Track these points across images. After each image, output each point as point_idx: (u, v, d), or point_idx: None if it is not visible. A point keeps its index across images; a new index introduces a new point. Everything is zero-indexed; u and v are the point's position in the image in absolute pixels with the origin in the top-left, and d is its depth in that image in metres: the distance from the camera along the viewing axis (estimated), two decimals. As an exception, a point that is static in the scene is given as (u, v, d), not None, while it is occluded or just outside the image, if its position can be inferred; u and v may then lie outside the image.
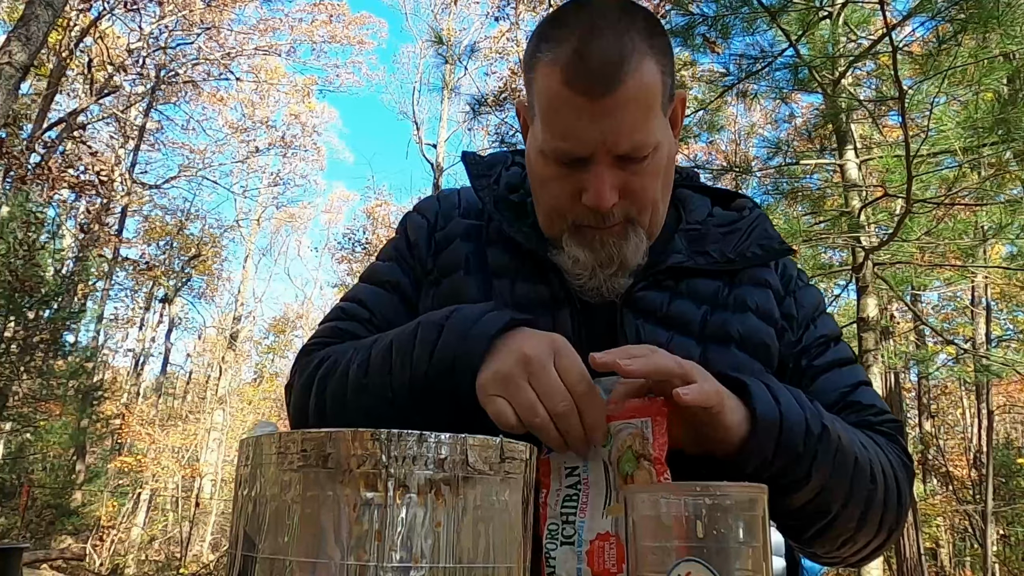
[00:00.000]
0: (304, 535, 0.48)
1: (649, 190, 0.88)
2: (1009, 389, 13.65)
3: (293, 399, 0.95)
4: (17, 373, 9.93)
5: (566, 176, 0.86)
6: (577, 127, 0.82)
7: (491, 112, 9.16)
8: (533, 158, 0.90)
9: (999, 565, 10.60)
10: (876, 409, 0.96)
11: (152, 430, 16.48)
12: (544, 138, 0.86)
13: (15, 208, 9.56)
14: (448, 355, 0.77)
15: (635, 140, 0.83)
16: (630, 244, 0.89)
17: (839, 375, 0.97)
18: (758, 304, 0.95)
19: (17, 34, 5.51)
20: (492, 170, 1.05)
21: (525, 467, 0.55)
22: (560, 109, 0.83)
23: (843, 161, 5.43)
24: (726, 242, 0.98)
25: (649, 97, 0.83)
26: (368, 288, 1.03)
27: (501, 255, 0.96)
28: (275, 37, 18.42)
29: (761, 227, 1.01)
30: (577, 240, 0.89)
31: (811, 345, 0.98)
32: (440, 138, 16.45)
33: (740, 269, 0.97)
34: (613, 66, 0.79)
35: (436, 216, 1.04)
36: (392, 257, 1.04)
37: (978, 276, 7.61)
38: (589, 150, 0.83)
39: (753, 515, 0.52)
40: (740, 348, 0.92)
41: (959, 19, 3.92)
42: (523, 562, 0.54)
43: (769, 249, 0.98)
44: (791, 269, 1.04)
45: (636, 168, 0.85)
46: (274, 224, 24.67)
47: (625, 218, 0.88)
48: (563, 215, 0.89)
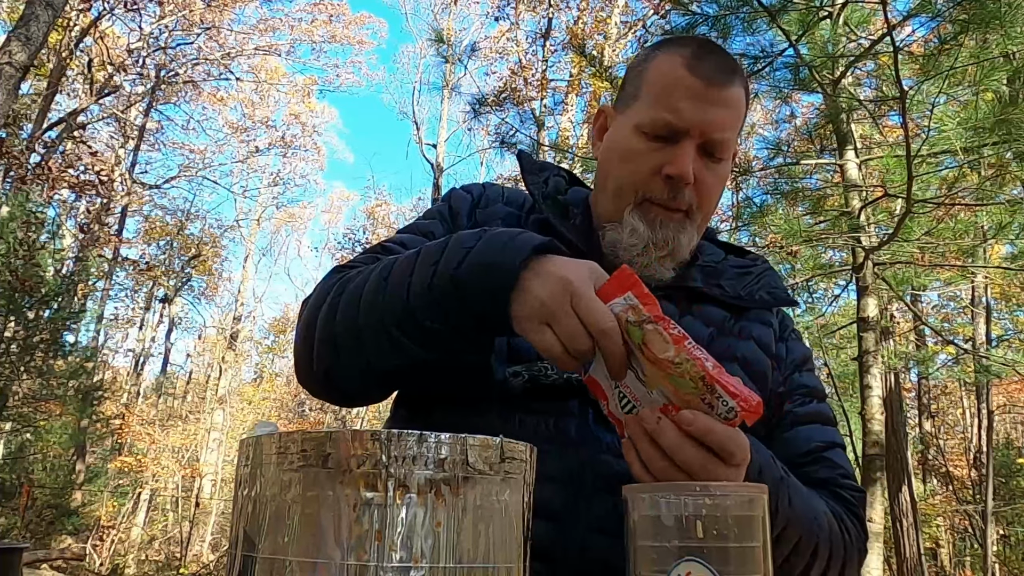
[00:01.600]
0: (304, 535, 0.48)
1: (714, 192, 0.96)
2: (1009, 389, 13.65)
3: (309, 303, 0.92)
4: (17, 373, 9.93)
5: (653, 151, 0.93)
6: (685, 104, 0.91)
7: (491, 112, 9.15)
8: (622, 136, 0.97)
9: (999, 565, 10.60)
10: (844, 472, 0.99)
11: (152, 430, 16.49)
12: (647, 111, 0.93)
13: (15, 208, 9.56)
14: (484, 260, 0.75)
15: (725, 136, 0.93)
16: (685, 235, 0.95)
17: (817, 431, 1.01)
18: (760, 336, 1.02)
19: (17, 34, 5.51)
20: (543, 172, 1.11)
21: (525, 467, 0.55)
22: (675, 86, 0.92)
23: (843, 161, 5.43)
24: (738, 281, 1.06)
25: (741, 111, 0.96)
26: (409, 236, 1.04)
27: None
28: (275, 37, 18.42)
29: (771, 277, 1.09)
30: (640, 214, 0.94)
31: (794, 391, 1.03)
32: (440, 138, 16.44)
33: (747, 308, 1.04)
34: (728, 69, 0.93)
35: (480, 196, 1.09)
36: (435, 216, 1.07)
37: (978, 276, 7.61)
38: (687, 125, 0.91)
39: (753, 515, 0.52)
40: (743, 368, 0.97)
41: (960, 19, 3.92)
42: (523, 562, 0.54)
43: (777, 297, 1.06)
44: (788, 322, 1.12)
45: (712, 165, 0.94)
46: (274, 224, 24.69)
47: (688, 208, 0.94)
48: (636, 187, 0.94)
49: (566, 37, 13.87)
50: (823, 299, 10.65)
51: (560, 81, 14.32)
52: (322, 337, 0.87)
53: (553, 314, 0.70)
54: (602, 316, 0.68)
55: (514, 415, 0.89)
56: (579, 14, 14.27)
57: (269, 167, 22.45)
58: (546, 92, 13.96)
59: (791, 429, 1.00)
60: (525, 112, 11.30)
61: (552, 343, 0.70)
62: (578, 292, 0.70)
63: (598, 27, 13.89)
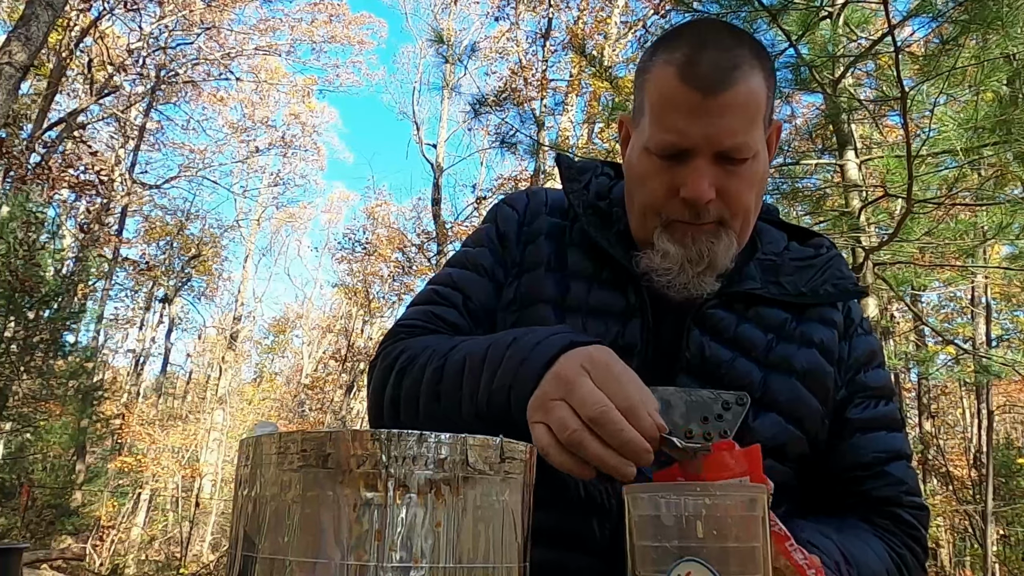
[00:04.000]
0: (304, 535, 0.48)
1: (744, 196, 0.89)
2: (1009, 389, 13.65)
3: (373, 381, 0.95)
4: (17, 373, 9.92)
5: (666, 171, 0.88)
6: (684, 121, 0.85)
7: (491, 112, 9.15)
8: (635, 158, 0.92)
9: (999, 565, 10.60)
10: (907, 488, 0.93)
11: (152, 430, 16.49)
12: (651, 133, 0.89)
13: (15, 208, 9.56)
14: (505, 384, 0.76)
15: (738, 141, 0.86)
16: (721, 244, 0.89)
17: (880, 439, 0.95)
18: (823, 340, 0.95)
19: (17, 34, 5.51)
20: (583, 175, 1.06)
21: (525, 467, 0.55)
22: (670, 103, 0.86)
23: (843, 161, 5.43)
24: (800, 276, 0.98)
25: (755, 106, 0.87)
26: (460, 272, 1.03)
27: (582, 258, 0.97)
28: (275, 37, 18.42)
29: (836, 266, 1.01)
30: (669, 235, 0.90)
31: (856, 394, 0.97)
32: (440, 138, 16.44)
33: (810, 305, 0.97)
34: (725, 70, 0.84)
35: (525, 210, 1.06)
36: (483, 243, 1.05)
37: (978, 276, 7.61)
38: (692, 143, 0.85)
39: (753, 515, 0.52)
40: (801, 381, 0.92)
41: (960, 20, 3.92)
42: (523, 562, 0.54)
43: (844, 289, 0.98)
44: (856, 314, 1.03)
45: (734, 169, 0.87)
46: (274, 224, 24.69)
47: (719, 219, 0.89)
48: (657, 211, 0.90)
49: (566, 37, 13.87)
50: (823, 299, 10.64)
51: (560, 81, 14.32)
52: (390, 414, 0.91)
53: (544, 408, 0.69)
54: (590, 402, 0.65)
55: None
56: (579, 14, 14.27)
57: (269, 167, 22.48)
58: (546, 92, 13.96)
59: (852, 436, 0.94)
60: (525, 112, 11.29)
61: (542, 435, 0.68)
62: (568, 384, 0.68)
63: (598, 27, 13.89)
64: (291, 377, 24.16)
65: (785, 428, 0.89)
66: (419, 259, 16.75)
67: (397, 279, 18.99)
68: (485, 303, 0.99)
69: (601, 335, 0.89)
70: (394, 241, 18.81)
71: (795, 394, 0.90)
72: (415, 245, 17.31)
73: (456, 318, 0.98)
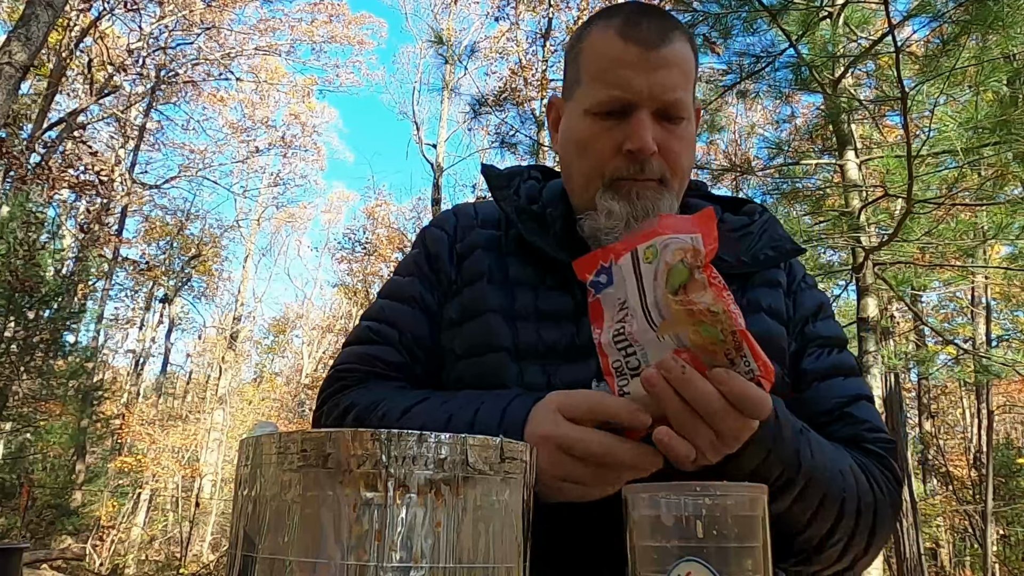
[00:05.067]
0: (304, 535, 0.48)
1: (682, 156, 0.92)
2: (1009, 389, 13.66)
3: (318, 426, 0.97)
4: (17, 373, 9.93)
5: (608, 130, 0.90)
6: (628, 75, 0.88)
7: (491, 112, 9.15)
8: (575, 124, 0.94)
9: (999, 565, 10.60)
10: (870, 425, 0.94)
11: (152, 430, 16.48)
12: (592, 92, 0.91)
13: (15, 208, 9.56)
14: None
15: (677, 96, 0.89)
16: (664, 202, 0.91)
17: (837, 384, 0.96)
18: (770, 304, 0.96)
19: (17, 34, 5.51)
20: (511, 182, 1.06)
21: (525, 467, 0.55)
22: (613, 60, 0.89)
23: (843, 161, 5.43)
24: (740, 247, 0.99)
25: (687, 69, 0.92)
26: (392, 304, 1.02)
27: (522, 266, 0.97)
28: (275, 37, 18.42)
29: (772, 230, 1.02)
30: (612, 193, 0.91)
31: (808, 344, 0.98)
32: (440, 138, 16.43)
33: (754, 272, 0.98)
34: (662, 29, 0.90)
35: (455, 228, 1.05)
36: (413, 272, 1.04)
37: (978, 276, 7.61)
38: (635, 96, 0.88)
39: (753, 515, 0.52)
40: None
41: (961, 20, 3.92)
42: (523, 562, 0.54)
43: (781, 250, 1.00)
44: (797, 270, 1.05)
45: (673, 128, 0.91)
46: (274, 224, 24.69)
47: (660, 177, 0.91)
48: (601, 172, 0.92)
49: (566, 37, 13.87)
50: (823, 299, 10.62)
51: (560, 81, 14.30)
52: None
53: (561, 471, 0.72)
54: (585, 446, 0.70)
55: None
56: (579, 14, 14.26)
57: (269, 167, 22.48)
58: (546, 92, 13.95)
59: (810, 387, 0.95)
60: (525, 112, 11.30)
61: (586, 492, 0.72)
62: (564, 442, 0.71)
63: (598, 27, 13.86)
64: (291, 377, 24.17)
65: None
66: (419, 259, 16.69)
67: (397, 279, 18.90)
68: (420, 335, 0.99)
69: (557, 339, 0.90)
70: (394, 241, 18.81)
71: None
72: (415, 245, 17.25)
73: (394, 356, 0.98)
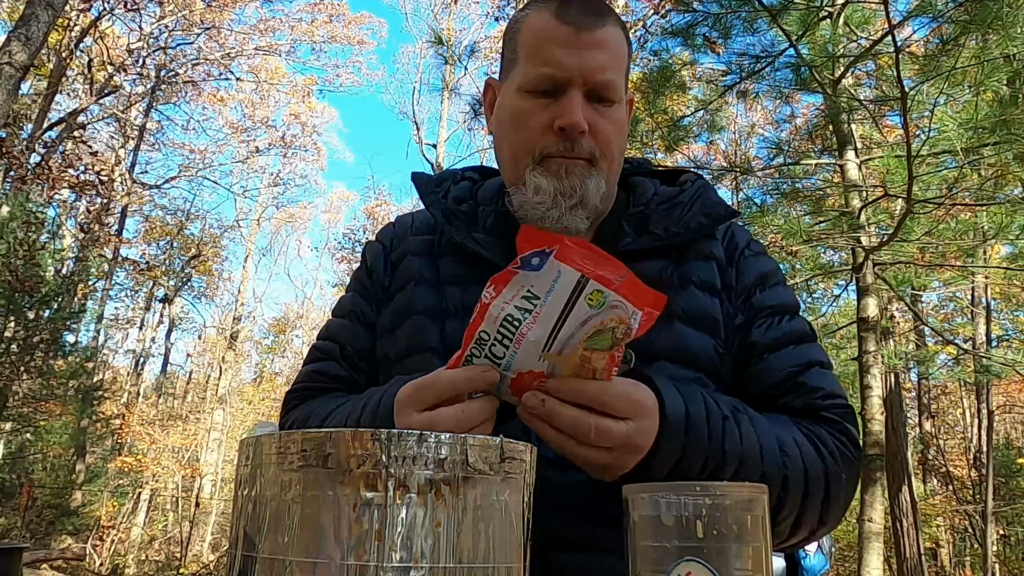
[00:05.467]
0: (304, 535, 0.48)
1: (613, 138, 0.94)
2: (1009, 389, 13.67)
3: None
4: (17, 373, 9.93)
5: (541, 108, 0.92)
6: (560, 54, 0.90)
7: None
8: (508, 102, 0.96)
9: (999, 565, 10.61)
10: (824, 392, 0.91)
11: (152, 430, 16.49)
12: (526, 71, 0.93)
13: (15, 208, 9.56)
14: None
15: (608, 77, 0.91)
16: (592, 181, 0.92)
17: (789, 354, 0.93)
18: (700, 278, 0.95)
19: (17, 34, 5.51)
20: (440, 186, 1.08)
21: (525, 467, 0.55)
22: (546, 38, 0.91)
23: (843, 161, 5.43)
24: (668, 217, 0.98)
25: (620, 53, 0.94)
26: (336, 321, 1.08)
27: (453, 264, 1.00)
28: (275, 37, 18.42)
29: (704, 196, 1.01)
30: (541, 170, 0.92)
31: (756, 316, 0.95)
32: (440, 138, 16.44)
33: (687, 244, 0.97)
34: (595, 14, 0.92)
35: (391, 240, 1.09)
36: (354, 288, 1.09)
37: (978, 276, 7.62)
38: (567, 74, 0.90)
39: (753, 515, 0.52)
40: (686, 323, 0.92)
41: (961, 20, 3.92)
42: (523, 562, 0.54)
43: (714, 215, 0.98)
44: (740, 239, 1.02)
45: (604, 110, 0.92)
46: (274, 224, 24.71)
47: (590, 156, 0.92)
48: (532, 147, 0.93)
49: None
50: (823, 299, 10.66)
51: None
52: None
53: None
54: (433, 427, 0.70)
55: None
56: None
57: (269, 167, 22.49)
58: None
59: (760, 360, 0.93)
60: (525, 112, 11.26)
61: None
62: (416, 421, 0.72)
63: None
64: (291, 377, 24.10)
65: (677, 372, 0.88)
66: (419, 259, 16.71)
67: (397, 279, 18.93)
68: (360, 347, 1.02)
69: None
70: (394, 241, 18.76)
71: (679, 337, 0.90)
72: (415, 245, 17.26)
73: (337, 370, 1.02)
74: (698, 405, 0.77)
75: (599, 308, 0.67)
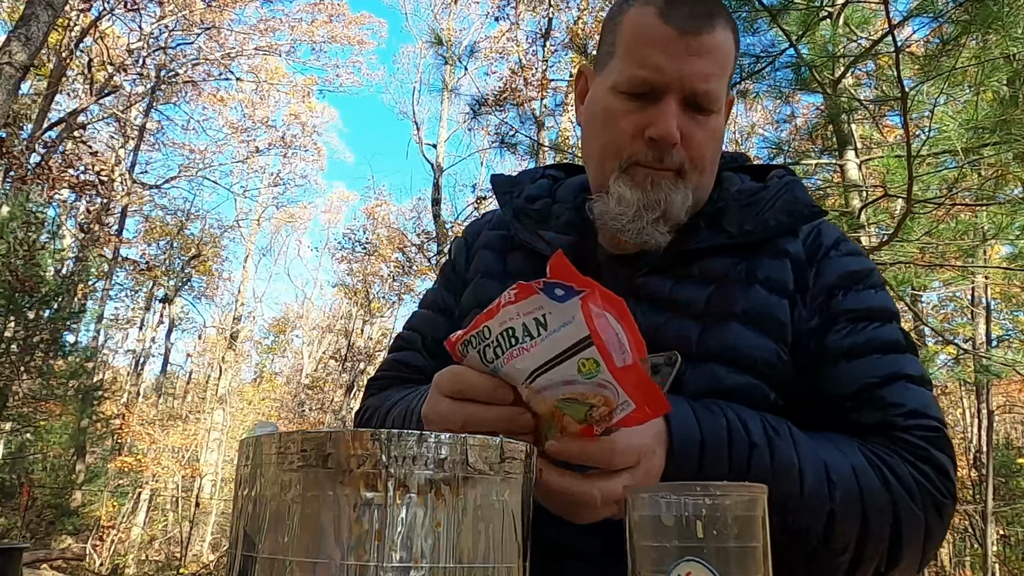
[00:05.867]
0: (304, 535, 0.48)
1: (706, 149, 0.88)
2: (1009, 389, 13.66)
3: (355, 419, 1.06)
4: (17, 373, 9.92)
5: (633, 111, 0.87)
6: (661, 58, 0.85)
7: (491, 112, 9.15)
8: (600, 98, 0.91)
9: (999, 565, 10.60)
10: (907, 410, 0.81)
11: (152, 430, 16.49)
12: (622, 69, 0.87)
13: (15, 208, 9.56)
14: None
15: (709, 86, 0.85)
16: (678, 195, 0.87)
17: (870, 363, 0.83)
18: (768, 275, 0.88)
19: (17, 34, 5.51)
20: (515, 186, 1.09)
21: (525, 467, 0.55)
22: (648, 39, 0.85)
23: (843, 161, 5.43)
24: (745, 215, 0.92)
25: (726, 59, 0.87)
26: (420, 312, 1.13)
27: (521, 260, 1.01)
28: (275, 37, 18.43)
29: (789, 193, 0.94)
30: (627, 179, 0.88)
31: (837, 318, 0.87)
32: (440, 138, 16.43)
33: (762, 241, 0.90)
34: (704, 16, 0.85)
35: (473, 234, 1.12)
36: (440, 280, 1.14)
37: (978, 276, 7.61)
38: (665, 81, 0.85)
39: (753, 515, 0.52)
40: (745, 323, 0.85)
41: (961, 20, 3.92)
42: (523, 562, 0.54)
43: (797, 215, 0.91)
44: (827, 237, 0.94)
45: (700, 119, 0.87)
46: (274, 224, 24.70)
47: (679, 168, 0.88)
48: (619, 153, 0.89)
49: (566, 37, 13.87)
50: (823, 299, 10.62)
51: (560, 81, 14.32)
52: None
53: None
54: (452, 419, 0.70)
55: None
56: (579, 14, 14.26)
57: (269, 167, 22.48)
58: (546, 92, 13.96)
59: (833, 367, 0.84)
60: (525, 112, 11.30)
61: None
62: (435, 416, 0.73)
63: (598, 27, 13.88)
64: (291, 377, 24.16)
65: (727, 375, 0.83)
66: (419, 259, 16.75)
67: (397, 279, 19.01)
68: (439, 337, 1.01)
69: None
70: (394, 241, 18.83)
71: (734, 338, 0.84)
72: (415, 245, 17.31)
73: (418, 360, 1.06)
74: (718, 432, 0.73)
75: (586, 377, 0.61)
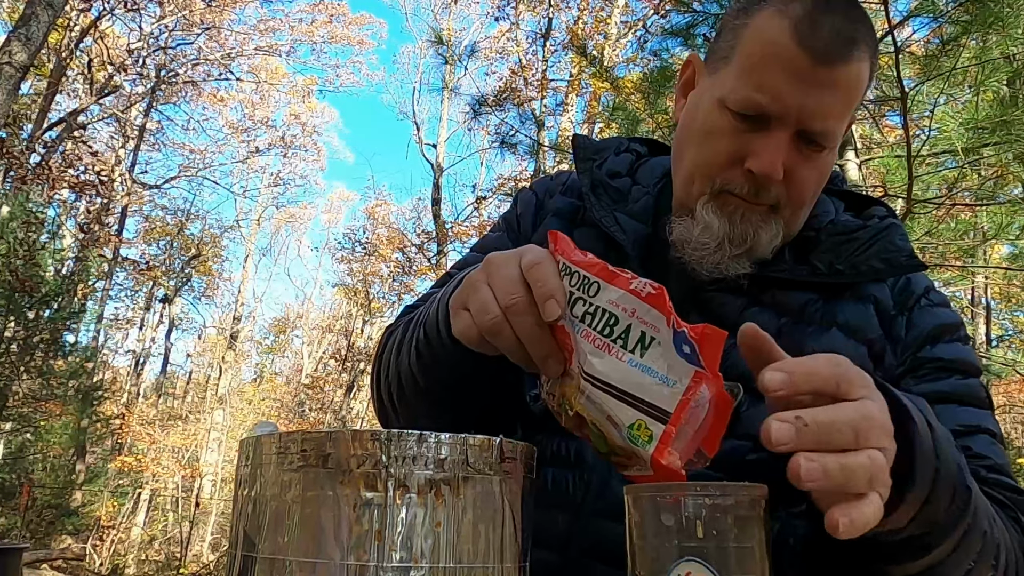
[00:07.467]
0: (304, 535, 0.48)
1: (808, 185, 0.81)
2: (1009, 389, 13.64)
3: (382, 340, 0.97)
4: (17, 373, 9.92)
5: (738, 133, 0.79)
6: (783, 85, 0.75)
7: (491, 112, 9.14)
8: (704, 107, 0.83)
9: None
10: (992, 464, 0.76)
11: (152, 430, 16.49)
12: (735, 86, 0.78)
13: (15, 208, 9.56)
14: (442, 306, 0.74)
15: (828, 125, 0.78)
16: (768, 232, 0.81)
17: (951, 411, 0.78)
18: (848, 320, 0.83)
19: (17, 34, 5.52)
20: (599, 154, 1.00)
21: (525, 467, 0.55)
22: (774, 59, 0.76)
23: (843, 161, 5.42)
24: (838, 252, 0.86)
25: (856, 93, 0.79)
26: (475, 255, 1.01)
27: (589, 238, 0.90)
28: (275, 37, 18.44)
29: (887, 238, 0.87)
30: (716, 206, 0.81)
31: (921, 366, 0.82)
32: (440, 138, 16.44)
33: (846, 285, 0.84)
34: (845, 44, 0.75)
35: (544, 192, 1.03)
36: (501, 228, 1.04)
37: (978, 276, 7.62)
38: (782, 111, 0.76)
39: (753, 515, 0.52)
40: None
41: (961, 20, 3.92)
42: (523, 562, 0.54)
43: (895, 264, 0.85)
44: (917, 285, 0.88)
45: (809, 155, 0.79)
46: (274, 224, 24.70)
47: (774, 203, 0.81)
48: (712, 175, 0.81)
49: (566, 37, 13.87)
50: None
51: (560, 81, 14.33)
52: (378, 378, 0.93)
53: (467, 293, 0.65)
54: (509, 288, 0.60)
55: (534, 436, 0.81)
56: (579, 14, 14.27)
57: (269, 167, 22.48)
58: (546, 92, 13.96)
59: None
60: (525, 112, 11.29)
61: (465, 321, 0.64)
62: (492, 268, 0.63)
63: (598, 27, 13.89)
64: (291, 377, 24.16)
65: None
66: (419, 259, 16.76)
67: (397, 279, 19.00)
68: None
69: None
70: (394, 241, 18.82)
71: None
72: (415, 245, 17.32)
73: None
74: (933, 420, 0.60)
75: (630, 437, 0.55)
